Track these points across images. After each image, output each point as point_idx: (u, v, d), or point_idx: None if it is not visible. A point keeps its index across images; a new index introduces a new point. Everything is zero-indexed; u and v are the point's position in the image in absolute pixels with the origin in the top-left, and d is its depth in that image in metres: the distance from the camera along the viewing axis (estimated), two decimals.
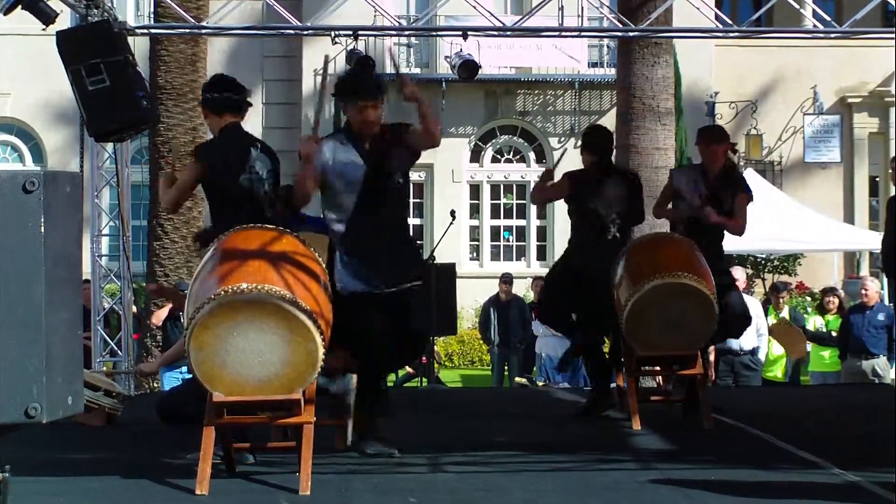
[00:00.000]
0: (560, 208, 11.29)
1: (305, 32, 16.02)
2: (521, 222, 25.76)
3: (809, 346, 14.98)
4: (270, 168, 7.57)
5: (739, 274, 13.71)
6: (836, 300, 14.86)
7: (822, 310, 14.67)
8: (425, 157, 8.23)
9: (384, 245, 7.37)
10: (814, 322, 14.75)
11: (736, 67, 24.94)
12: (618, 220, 9.32)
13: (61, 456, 7.22)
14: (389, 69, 24.24)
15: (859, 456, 7.47)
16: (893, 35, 11.23)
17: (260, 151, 7.57)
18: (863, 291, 13.97)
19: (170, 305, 13.21)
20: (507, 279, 17.81)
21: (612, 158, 9.83)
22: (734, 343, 13.13)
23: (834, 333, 14.45)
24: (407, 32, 19.82)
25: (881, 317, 13.79)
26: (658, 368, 9.82)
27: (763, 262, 23.83)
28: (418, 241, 22.42)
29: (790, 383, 14.60)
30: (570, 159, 12.35)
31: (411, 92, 7.22)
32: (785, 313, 15.12)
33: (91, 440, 8.24)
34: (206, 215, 15.59)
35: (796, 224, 20.15)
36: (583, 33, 16.29)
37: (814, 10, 12.44)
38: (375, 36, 19.85)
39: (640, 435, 8.65)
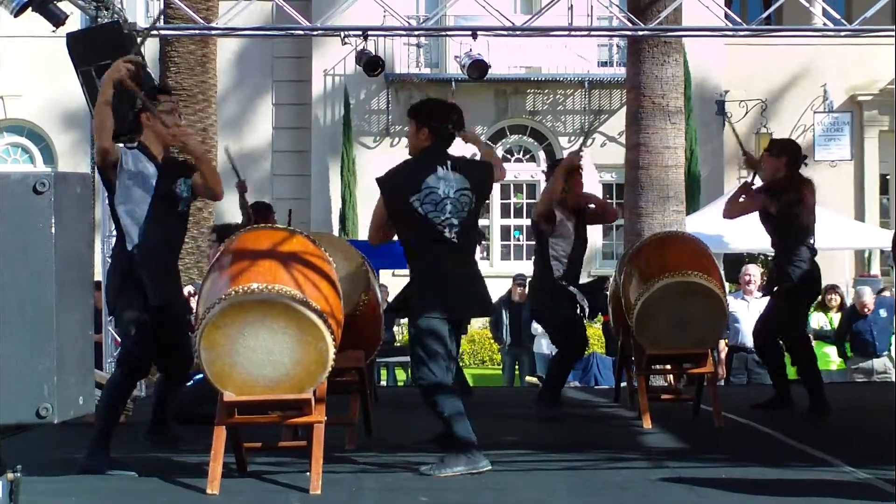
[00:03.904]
0: None
1: (315, 33, 16.02)
2: None
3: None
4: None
5: (754, 271, 13.69)
6: (838, 298, 14.84)
7: (823, 307, 14.65)
8: None
9: None
10: (817, 320, 14.72)
11: (745, 66, 24.90)
12: None
13: (73, 456, 7.24)
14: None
15: (869, 453, 7.47)
16: None
17: None
18: (862, 300, 14.08)
19: None
20: (521, 281, 17.67)
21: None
22: (747, 340, 13.13)
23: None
24: (416, 32, 19.82)
25: (883, 313, 13.80)
26: (668, 367, 9.83)
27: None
28: None
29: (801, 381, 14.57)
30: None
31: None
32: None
33: None
34: (217, 216, 15.61)
35: None
36: (592, 32, 16.29)
37: (823, 9, 12.42)
38: (385, 36, 19.86)
39: (650, 433, 8.66)
